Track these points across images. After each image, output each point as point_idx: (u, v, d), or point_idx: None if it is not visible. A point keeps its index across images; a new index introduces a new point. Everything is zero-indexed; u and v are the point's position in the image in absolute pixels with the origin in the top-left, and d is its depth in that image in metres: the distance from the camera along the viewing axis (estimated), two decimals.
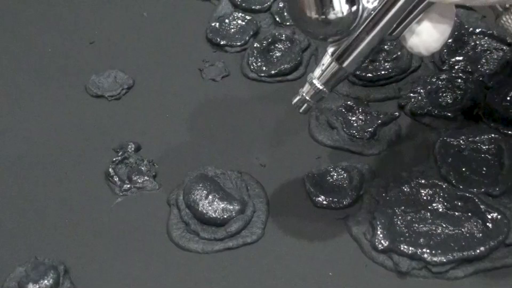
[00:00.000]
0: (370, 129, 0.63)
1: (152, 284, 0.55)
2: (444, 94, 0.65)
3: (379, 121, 0.63)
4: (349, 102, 0.65)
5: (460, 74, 0.66)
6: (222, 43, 0.75)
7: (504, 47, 0.68)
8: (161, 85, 0.72)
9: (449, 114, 0.63)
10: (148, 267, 0.56)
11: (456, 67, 0.67)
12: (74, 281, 0.55)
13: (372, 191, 0.58)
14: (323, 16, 0.47)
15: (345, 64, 0.50)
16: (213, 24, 0.77)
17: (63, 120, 0.69)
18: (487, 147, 0.59)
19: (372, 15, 0.48)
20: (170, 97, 0.71)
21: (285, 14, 0.76)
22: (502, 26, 0.47)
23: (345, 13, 0.47)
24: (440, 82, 0.65)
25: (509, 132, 0.61)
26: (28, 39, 0.79)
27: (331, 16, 0.47)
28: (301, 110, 0.53)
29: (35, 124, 0.69)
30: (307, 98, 0.52)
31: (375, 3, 0.48)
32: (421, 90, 0.65)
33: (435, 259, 0.53)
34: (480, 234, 0.54)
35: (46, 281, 0.54)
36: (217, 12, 0.79)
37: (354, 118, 0.64)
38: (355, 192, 0.59)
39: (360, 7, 0.47)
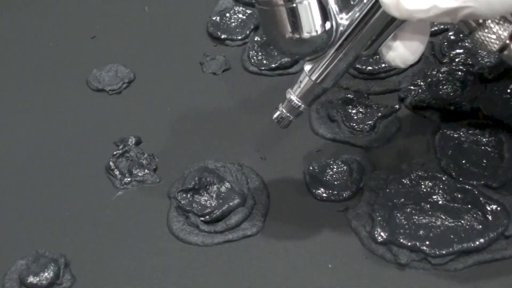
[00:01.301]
0: (370, 122, 0.63)
1: (152, 277, 0.55)
2: (444, 87, 0.64)
3: (379, 114, 0.63)
4: (349, 95, 0.65)
5: (461, 67, 0.66)
6: (223, 37, 0.75)
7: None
8: (162, 79, 0.72)
9: (449, 107, 0.63)
10: (148, 259, 0.56)
11: (456, 60, 0.67)
12: (74, 273, 0.56)
13: (372, 183, 0.58)
14: (298, 35, 0.48)
15: (321, 81, 0.51)
16: (214, 18, 0.77)
17: (64, 113, 0.69)
18: (487, 139, 0.59)
19: (346, 33, 0.48)
20: (170, 91, 0.71)
21: None
22: (476, 41, 0.48)
23: (319, 32, 0.48)
24: (440, 75, 0.65)
25: (509, 124, 0.61)
26: (30, 34, 0.80)
27: (305, 35, 0.48)
28: (281, 125, 0.54)
29: (36, 117, 0.69)
30: (287, 113, 0.53)
31: (349, 19, 0.48)
32: (422, 83, 0.65)
33: (434, 251, 0.53)
34: (480, 226, 0.54)
35: (46, 274, 0.54)
36: (218, 6, 0.79)
37: (354, 111, 0.64)
38: (355, 184, 0.59)
39: (334, 24, 0.48)
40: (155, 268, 0.56)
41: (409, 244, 0.53)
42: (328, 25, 0.48)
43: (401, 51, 0.48)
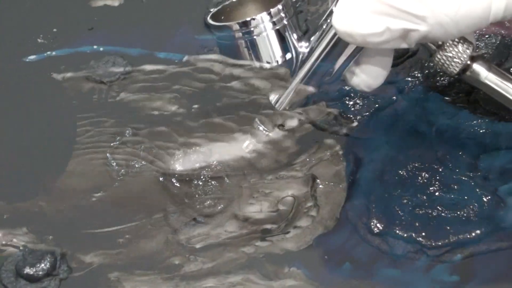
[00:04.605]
0: (367, 114, 0.63)
1: (150, 269, 0.55)
2: (441, 78, 0.64)
3: (377, 106, 0.63)
4: (346, 87, 0.65)
5: None
6: None
7: (503, 31, 0.68)
8: (159, 70, 0.72)
9: (446, 98, 0.63)
10: (146, 251, 0.56)
11: None
12: (71, 265, 0.56)
13: (368, 174, 0.58)
14: (260, 66, 0.48)
15: (284, 108, 0.52)
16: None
17: (61, 105, 0.69)
18: (484, 130, 0.59)
19: (307, 61, 0.49)
20: (168, 81, 0.71)
21: None
22: (437, 64, 0.48)
23: (280, 62, 0.49)
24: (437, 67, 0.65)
25: (506, 115, 0.61)
26: (27, 26, 0.79)
27: (266, 66, 0.49)
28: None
29: (32, 108, 0.69)
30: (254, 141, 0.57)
31: (309, 47, 0.49)
32: (419, 75, 0.65)
33: (430, 242, 0.53)
34: (476, 218, 0.54)
35: (43, 265, 0.54)
36: None
37: (351, 103, 0.64)
38: (351, 176, 0.59)
39: (294, 53, 0.49)
40: (152, 259, 0.56)
41: (405, 235, 0.53)
42: (288, 55, 0.48)
43: (364, 77, 0.49)
